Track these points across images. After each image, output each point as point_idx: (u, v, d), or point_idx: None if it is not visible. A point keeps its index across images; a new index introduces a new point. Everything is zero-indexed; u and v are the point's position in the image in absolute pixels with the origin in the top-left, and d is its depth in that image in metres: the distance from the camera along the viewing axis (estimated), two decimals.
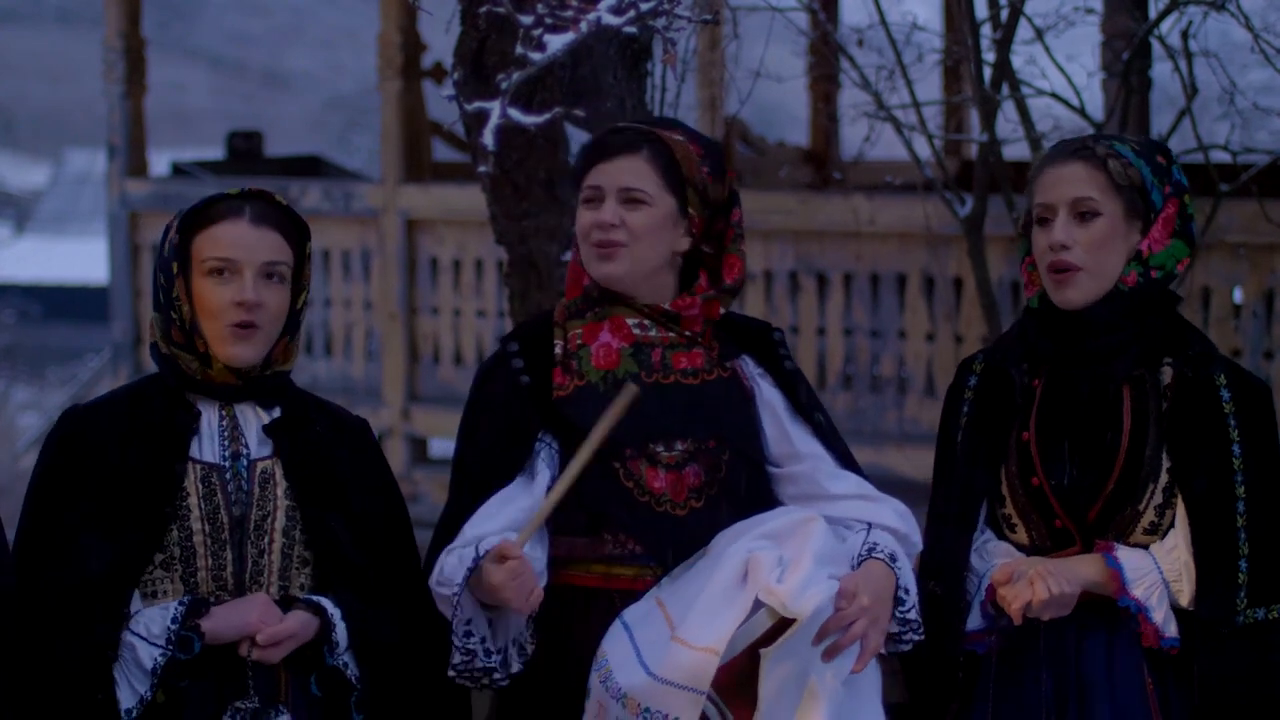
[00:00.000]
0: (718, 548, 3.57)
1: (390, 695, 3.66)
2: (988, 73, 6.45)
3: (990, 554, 3.82)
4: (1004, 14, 6.48)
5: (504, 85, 4.43)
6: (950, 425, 3.90)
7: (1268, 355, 8.09)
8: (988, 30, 6.63)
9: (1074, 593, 3.68)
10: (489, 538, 3.56)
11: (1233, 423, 3.71)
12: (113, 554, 3.52)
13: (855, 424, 8.79)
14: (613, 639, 3.54)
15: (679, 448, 3.68)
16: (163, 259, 3.64)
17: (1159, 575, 3.70)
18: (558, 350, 3.72)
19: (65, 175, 37.66)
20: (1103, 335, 3.73)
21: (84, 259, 30.30)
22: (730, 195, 3.75)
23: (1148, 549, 3.72)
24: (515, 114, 4.40)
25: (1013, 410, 3.81)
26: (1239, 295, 8.17)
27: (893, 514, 3.69)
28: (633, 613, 3.57)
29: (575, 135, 5.52)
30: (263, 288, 3.59)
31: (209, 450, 3.62)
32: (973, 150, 9.11)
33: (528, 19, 4.33)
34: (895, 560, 3.61)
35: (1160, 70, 7.10)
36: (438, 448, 10.42)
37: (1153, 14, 6.82)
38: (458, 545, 3.60)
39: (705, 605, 3.44)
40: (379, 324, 10.26)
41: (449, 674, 3.59)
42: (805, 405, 3.77)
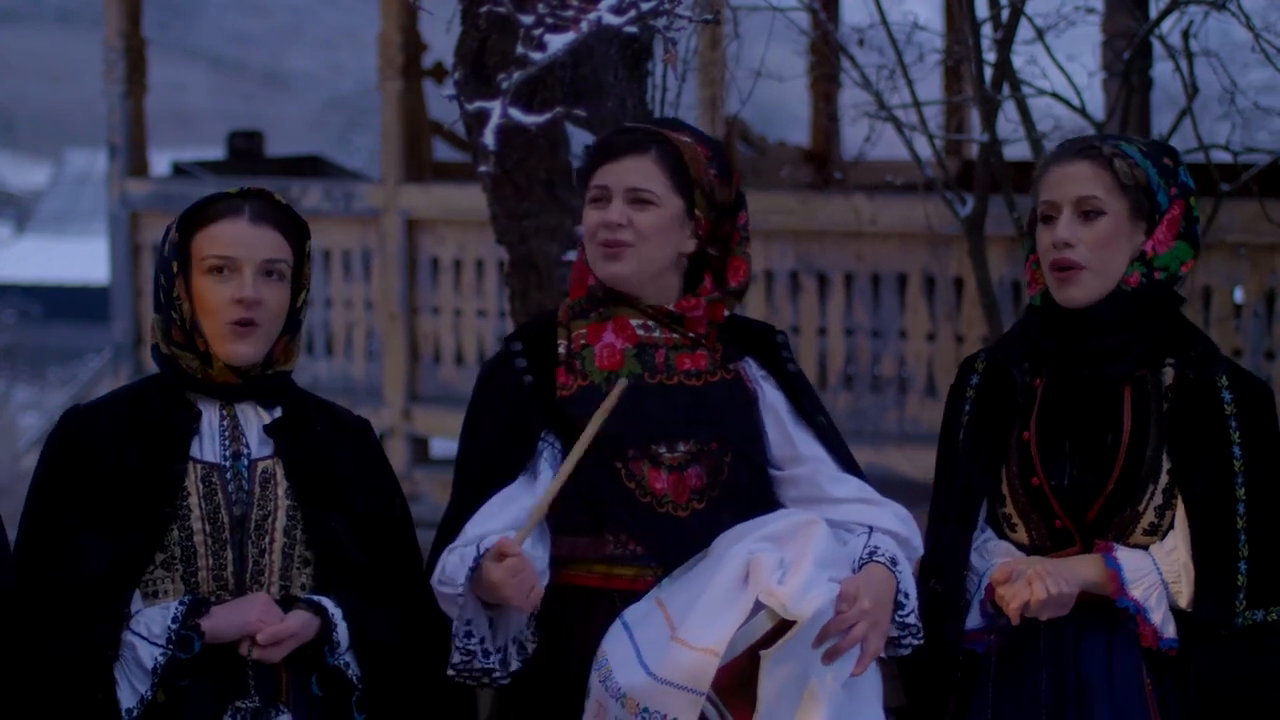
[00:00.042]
0: (719, 549, 3.57)
1: (392, 695, 3.65)
2: (988, 72, 6.44)
3: (990, 553, 3.82)
4: (1005, 14, 6.47)
5: (505, 85, 4.42)
6: (952, 424, 3.90)
7: (1269, 355, 8.09)
8: (988, 30, 6.62)
9: (1072, 593, 3.68)
10: (490, 537, 3.56)
11: (1234, 424, 3.70)
12: (113, 554, 3.52)
13: (856, 424, 8.79)
14: (613, 639, 3.54)
15: (681, 449, 3.68)
16: (163, 259, 3.65)
17: (1158, 576, 3.70)
18: (561, 350, 3.72)
19: (66, 175, 37.65)
20: (1104, 335, 3.73)
21: (84, 259, 30.29)
22: (737, 198, 3.75)
23: (1147, 550, 3.72)
24: (516, 114, 4.40)
25: (1014, 409, 3.80)
26: (1240, 295, 8.17)
27: (894, 518, 3.68)
28: (633, 613, 3.57)
29: (576, 135, 5.52)
30: (262, 285, 3.59)
31: (210, 450, 3.61)
32: (973, 150, 9.11)
33: (528, 19, 4.33)
34: (896, 564, 3.61)
35: (1161, 70, 7.10)
36: (439, 448, 10.41)
37: (1153, 14, 6.82)
38: (459, 544, 3.60)
39: (706, 606, 3.44)
40: (380, 324, 10.26)
41: (448, 673, 3.59)
42: (808, 408, 3.77)
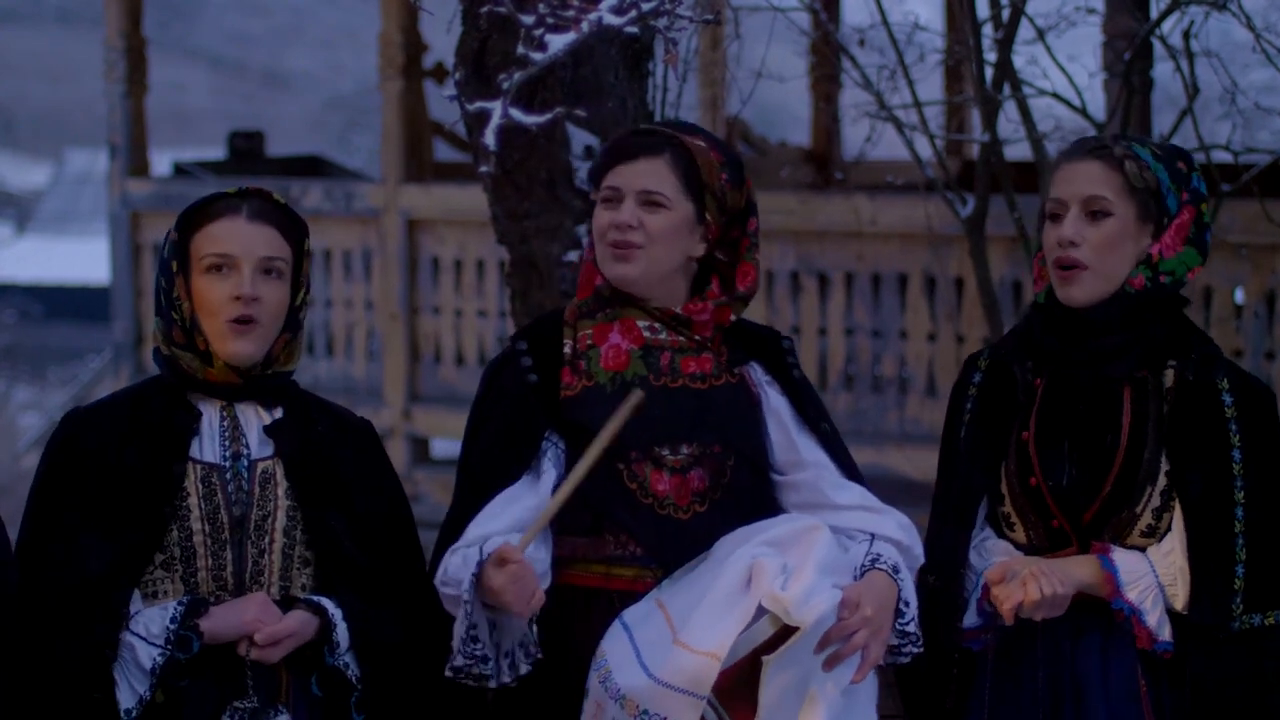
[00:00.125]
0: (720, 552, 3.56)
1: (392, 696, 3.65)
2: (989, 73, 6.44)
3: (989, 552, 3.81)
4: (1005, 14, 6.47)
5: (505, 85, 4.42)
6: (954, 421, 3.90)
7: (1269, 356, 8.09)
8: (989, 30, 6.62)
9: (1067, 594, 3.67)
10: (493, 538, 3.55)
11: (1234, 427, 3.69)
12: (113, 554, 3.52)
13: (856, 424, 8.80)
14: (612, 639, 3.53)
15: (684, 451, 3.67)
16: (163, 260, 3.65)
17: (1154, 578, 3.69)
18: (567, 350, 3.72)
19: (66, 175, 37.64)
20: (1106, 335, 3.72)
21: (85, 259, 30.29)
22: (747, 204, 3.74)
23: (1144, 552, 3.71)
24: (517, 114, 4.40)
25: (1015, 408, 3.80)
26: (1240, 295, 8.18)
27: (896, 526, 3.68)
28: (633, 613, 3.56)
29: (577, 135, 5.52)
30: (261, 283, 3.59)
31: (209, 450, 3.61)
32: (974, 150, 9.12)
33: (529, 19, 4.32)
34: (898, 572, 3.60)
35: (1162, 70, 7.10)
36: (439, 448, 10.42)
37: (1154, 14, 6.82)
38: (461, 545, 3.59)
39: (708, 609, 3.44)
40: (380, 324, 10.26)
41: (447, 674, 3.59)
42: (812, 414, 3.77)
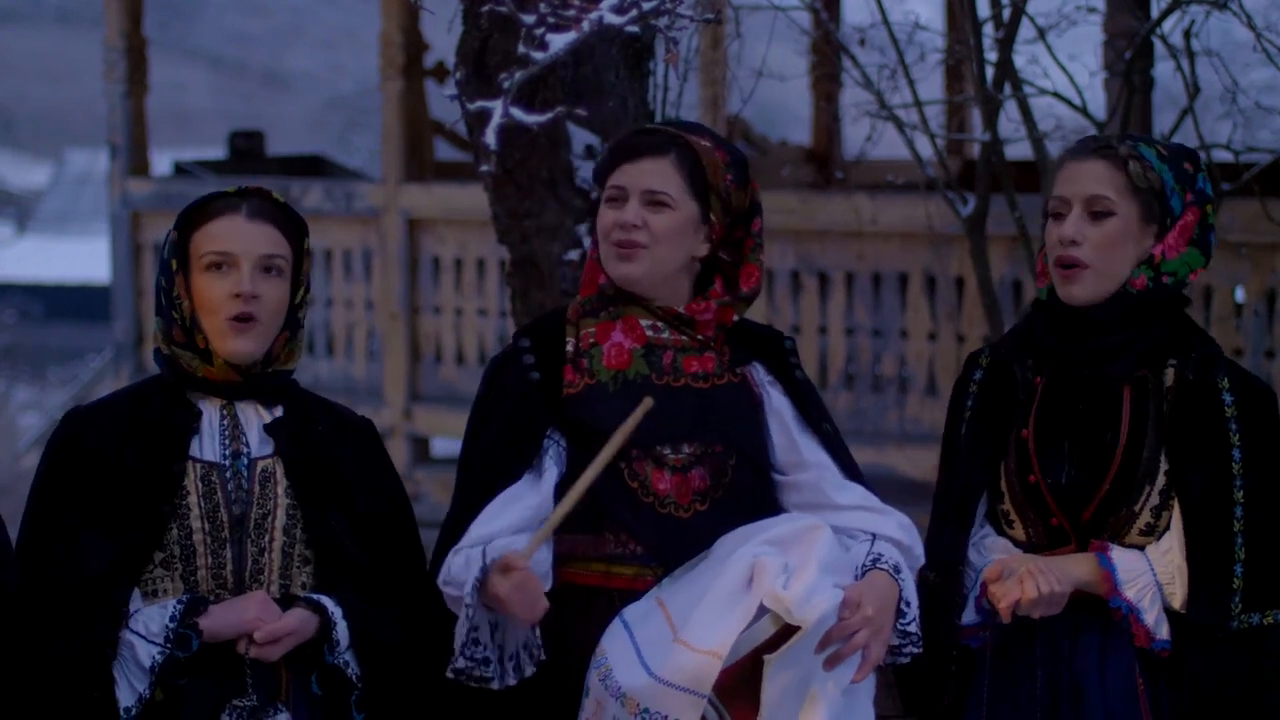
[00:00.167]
0: (721, 551, 3.56)
1: (392, 695, 3.65)
2: (990, 72, 6.44)
3: (988, 549, 3.81)
4: (1006, 13, 6.47)
5: (506, 84, 4.42)
6: (955, 419, 3.90)
7: (1269, 354, 8.09)
8: (990, 29, 6.62)
9: (1064, 592, 3.67)
10: (496, 540, 3.55)
11: (1234, 427, 3.69)
12: (113, 553, 3.52)
13: (857, 424, 8.80)
14: (612, 637, 3.53)
15: (685, 450, 3.67)
16: (163, 259, 3.65)
17: (1152, 577, 3.69)
18: (569, 348, 3.72)
19: (66, 175, 37.65)
20: (1107, 334, 3.72)
21: (85, 258, 30.31)
22: (752, 204, 3.74)
23: (1143, 550, 3.71)
24: (517, 113, 4.40)
25: (1015, 406, 3.80)
26: (1240, 294, 8.18)
27: (896, 526, 3.68)
28: (633, 612, 3.56)
29: (577, 135, 5.52)
30: (260, 280, 3.59)
31: (209, 449, 3.61)
32: (975, 150, 9.12)
33: (530, 18, 4.32)
34: (899, 572, 3.60)
35: (1162, 69, 7.10)
36: (440, 447, 10.42)
37: (1155, 13, 6.82)
38: (465, 545, 3.59)
39: (709, 608, 3.43)
40: (381, 324, 10.26)
41: (448, 675, 3.58)
42: (814, 415, 3.77)
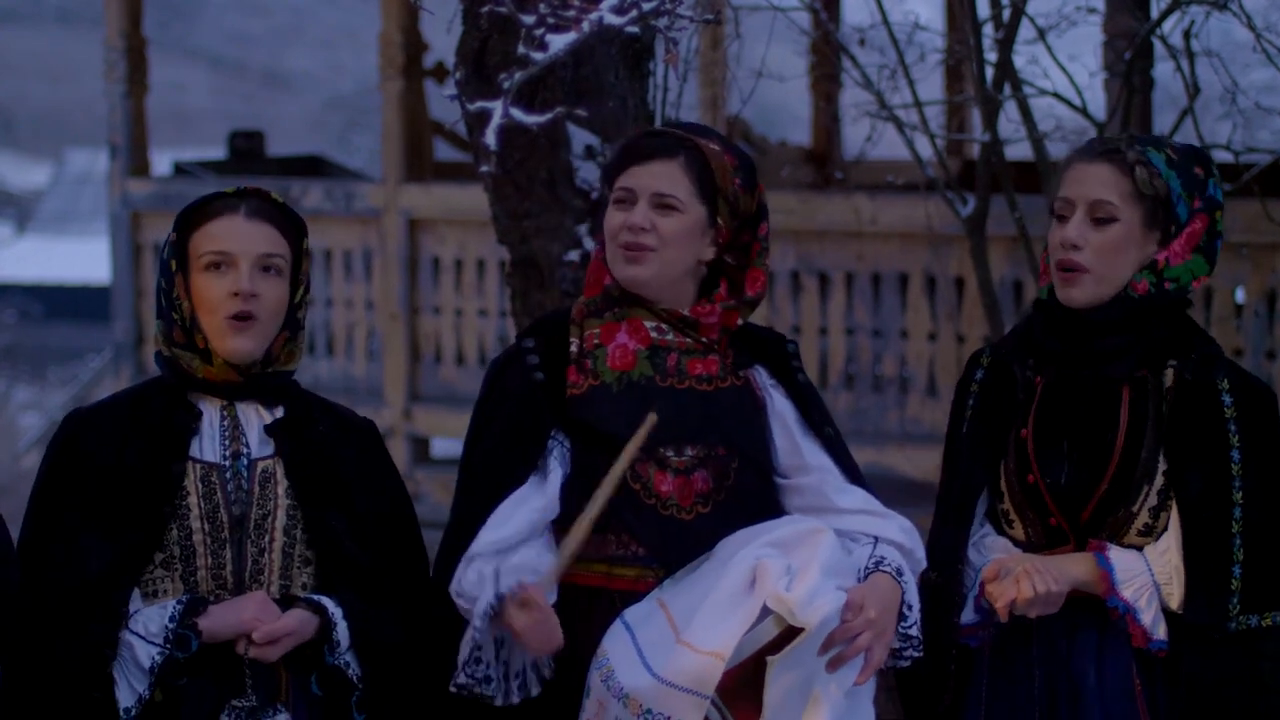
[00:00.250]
0: (723, 553, 3.57)
1: (393, 695, 3.65)
2: (990, 72, 6.45)
3: (988, 549, 3.82)
4: (1006, 13, 6.47)
5: (506, 85, 4.42)
6: (957, 418, 3.90)
7: (1270, 355, 8.09)
8: (990, 30, 6.63)
9: (1061, 591, 3.67)
10: (510, 558, 3.56)
11: (1233, 428, 3.69)
12: (113, 554, 3.52)
13: (857, 424, 8.79)
14: (614, 638, 3.53)
15: (689, 453, 3.68)
16: (163, 261, 3.66)
17: (1150, 577, 3.69)
18: (573, 348, 3.72)
19: (66, 175, 37.65)
20: (1107, 336, 3.72)
21: (85, 259, 30.31)
22: (759, 208, 3.74)
23: (1141, 550, 3.71)
24: (517, 113, 4.40)
25: (1015, 406, 3.80)
26: (1241, 295, 8.18)
27: (898, 530, 3.68)
28: (634, 613, 3.56)
29: (577, 135, 5.52)
30: (259, 279, 3.59)
31: (209, 449, 3.61)
32: (975, 150, 9.12)
33: (530, 18, 4.32)
34: (901, 575, 3.61)
35: (1162, 70, 7.10)
36: (440, 447, 10.42)
37: (1155, 14, 6.82)
38: (477, 553, 3.59)
39: (711, 609, 3.44)
40: (381, 324, 10.26)
41: (450, 689, 3.58)
42: (816, 419, 3.77)
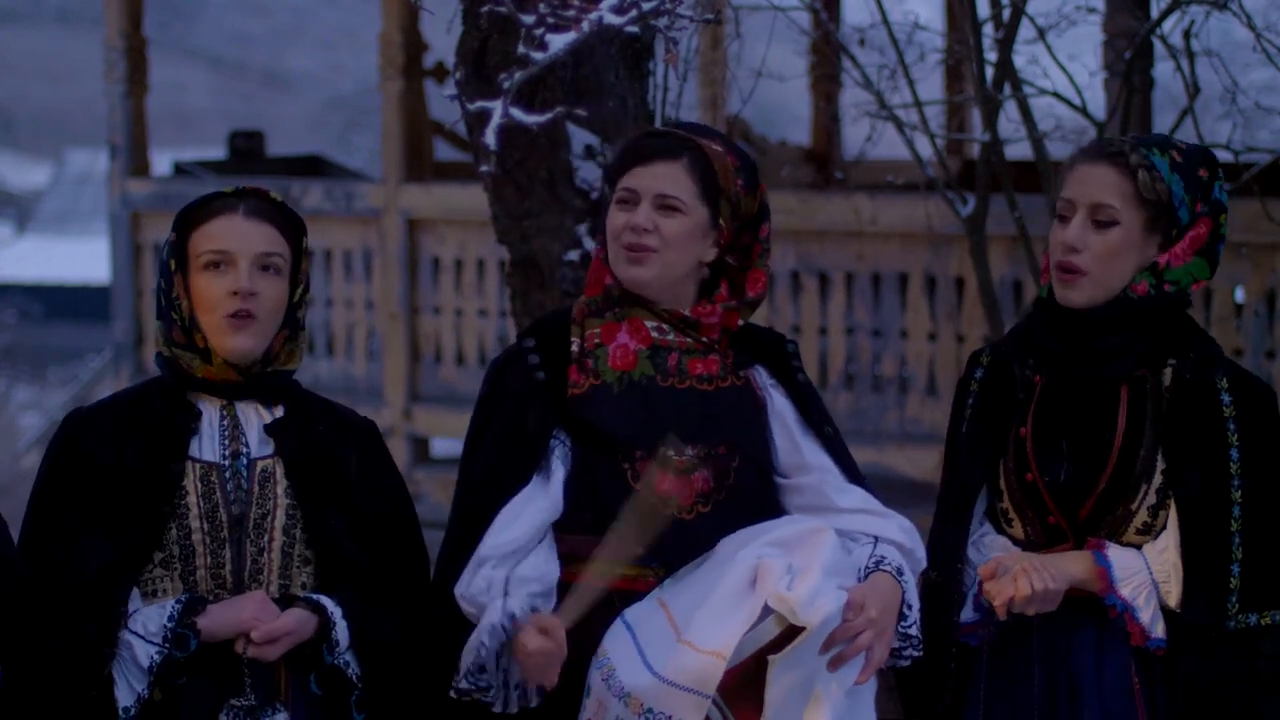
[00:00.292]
0: (723, 552, 3.57)
1: (393, 695, 3.65)
2: (990, 72, 6.45)
3: (987, 548, 3.82)
4: (1006, 13, 6.47)
5: (506, 85, 4.42)
6: (957, 417, 3.91)
7: (1269, 355, 8.09)
8: (990, 30, 6.62)
9: (1059, 589, 3.67)
10: (517, 574, 3.56)
11: (1232, 427, 3.68)
12: (112, 553, 3.52)
13: (857, 424, 8.79)
14: (614, 638, 3.54)
15: (689, 452, 3.67)
16: (162, 262, 3.66)
17: (1148, 575, 3.69)
18: (574, 348, 3.72)
19: (66, 175, 37.67)
20: (1107, 335, 3.72)
21: (85, 259, 30.32)
22: (760, 209, 3.74)
23: (1139, 549, 3.71)
24: (517, 113, 4.40)
25: (1014, 405, 3.80)
26: (1240, 295, 8.18)
27: (898, 529, 3.68)
28: (634, 612, 3.57)
29: (577, 135, 5.52)
30: (258, 278, 3.59)
31: (209, 449, 3.61)
32: (975, 150, 9.12)
33: (530, 18, 4.32)
34: (901, 574, 3.61)
35: (1162, 69, 7.10)
36: (439, 447, 10.41)
37: (1155, 13, 6.82)
38: (486, 557, 3.59)
39: (712, 609, 3.44)
40: (380, 324, 10.26)
41: (451, 694, 3.59)
42: (816, 418, 3.77)
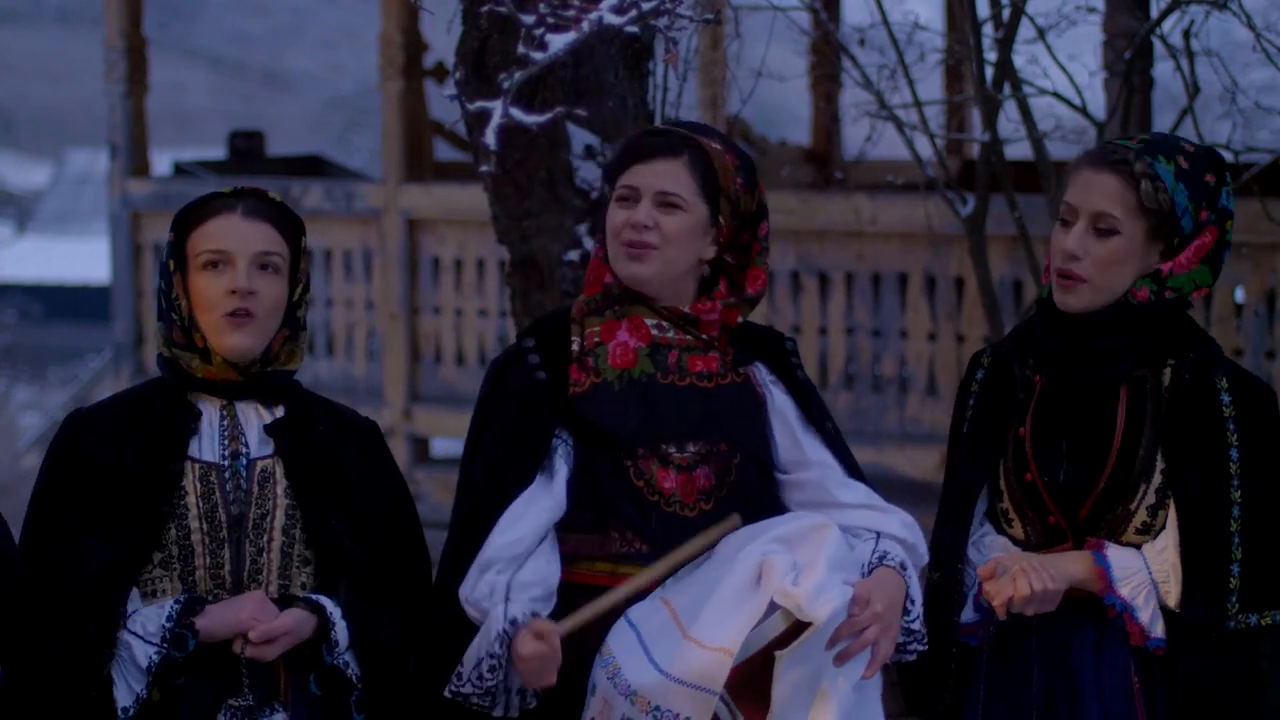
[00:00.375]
0: (726, 550, 3.57)
1: (393, 696, 3.65)
2: (989, 72, 6.45)
3: (987, 548, 3.82)
4: (1006, 13, 6.48)
5: (506, 85, 4.43)
6: (959, 418, 3.91)
7: (1269, 355, 8.08)
8: (989, 29, 6.63)
9: (1058, 589, 3.67)
10: (519, 579, 3.57)
11: (1232, 426, 3.68)
12: (112, 554, 3.52)
13: (857, 424, 8.78)
14: (618, 636, 3.54)
15: (690, 449, 3.68)
16: (162, 263, 3.66)
17: (1147, 575, 3.69)
18: (575, 347, 3.73)
19: (66, 175, 37.68)
20: (1108, 336, 3.72)
21: (85, 259, 30.33)
22: (759, 208, 3.75)
23: (1139, 549, 3.71)
24: (517, 113, 4.40)
25: (1015, 405, 3.80)
26: (1240, 295, 8.17)
27: (900, 524, 3.70)
28: (638, 611, 3.57)
29: (577, 135, 5.52)
30: (256, 277, 3.60)
31: (208, 449, 3.61)
32: (974, 150, 9.11)
33: (529, 18, 4.33)
34: (905, 569, 3.63)
35: (1162, 69, 7.10)
36: (440, 447, 10.41)
37: (1154, 13, 6.82)
38: (490, 560, 3.60)
39: (718, 606, 3.45)
40: (380, 324, 10.26)
41: (446, 694, 3.59)
42: (816, 414, 3.78)
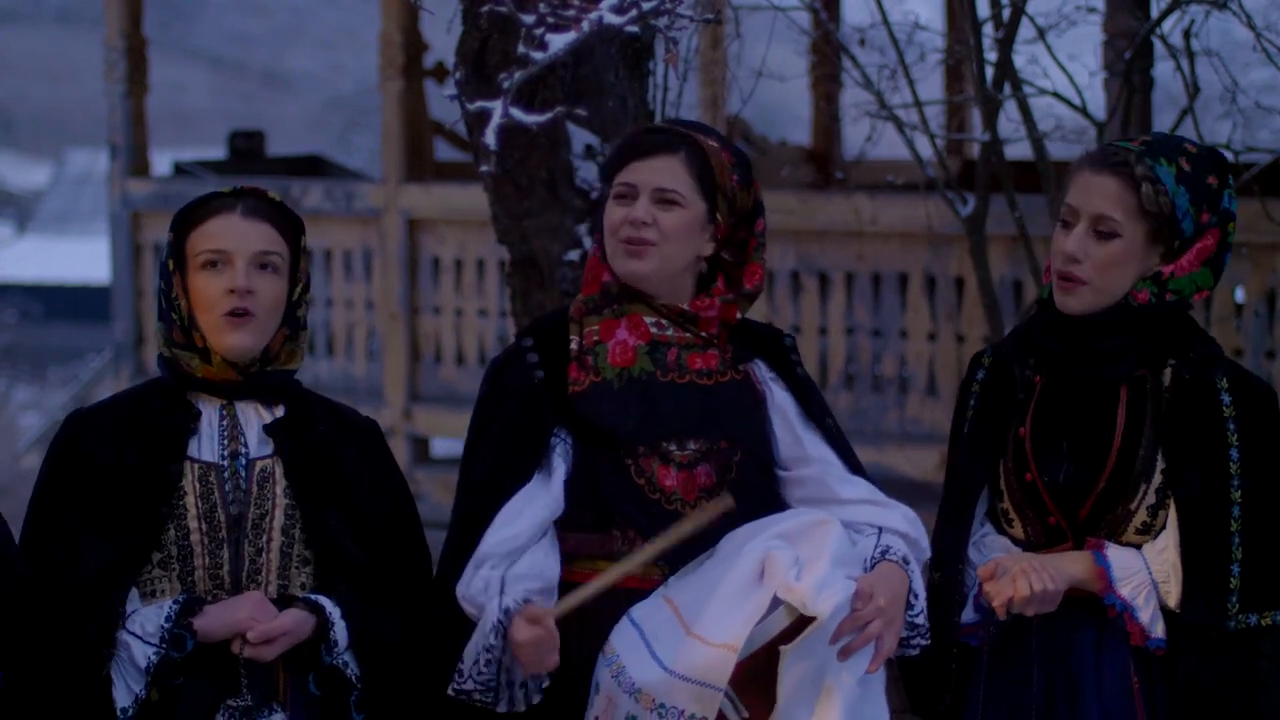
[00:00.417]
0: (728, 547, 3.58)
1: (393, 696, 3.65)
2: (990, 72, 6.45)
3: (988, 548, 3.82)
4: (1006, 13, 6.48)
5: (506, 84, 4.43)
6: (959, 418, 3.91)
7: (1269, 355, 8.08)
8: (990, 29, 6.63)
9: (1058, 589, 3.67)
10: (514, 572, 3.57)
11: (1232, 427, 3.68)
12: (111, 554, 3.52)
13: (857, 423, 8.78)
14: (621, 634, 3.54)
15: (691, 447, 3.69)
16: (162, 263, 3.66)
17: (1147, 575, 3.69)
18: (573, 346, 3.73)
19: (66, 175, 37.69)
20: (1108, 337, 3.72)
21: (85, 259, 30.34)
22: (755, 205, 3.76)
23: (1139, 549, 3.71)
24: (517, 113, 4.41)
25: (1015, 405, 3.81)
26: (1240, 295, 8.17)
27: (902, 519, 3.70)
28: (640, 609, 3.57)
29: (577, 135, 5.52)
30: (255, 276, 3.60)
31: (208, 449, 3.61)
32: (975, 150, 9.12)
33: (530, 18, 4.33)
34: (908, 564, 3.63)
35: (1162, 69, 7.10)
36: (440, 447, 10.42)
37: (1155, 13, 6.82)
38: (486, 556, 3.60)
39: (721, 602, 3.45)
40: (381, 324, 10.26)
41: (450, 692, 3.59)
42: (816, 411, 3.79)
